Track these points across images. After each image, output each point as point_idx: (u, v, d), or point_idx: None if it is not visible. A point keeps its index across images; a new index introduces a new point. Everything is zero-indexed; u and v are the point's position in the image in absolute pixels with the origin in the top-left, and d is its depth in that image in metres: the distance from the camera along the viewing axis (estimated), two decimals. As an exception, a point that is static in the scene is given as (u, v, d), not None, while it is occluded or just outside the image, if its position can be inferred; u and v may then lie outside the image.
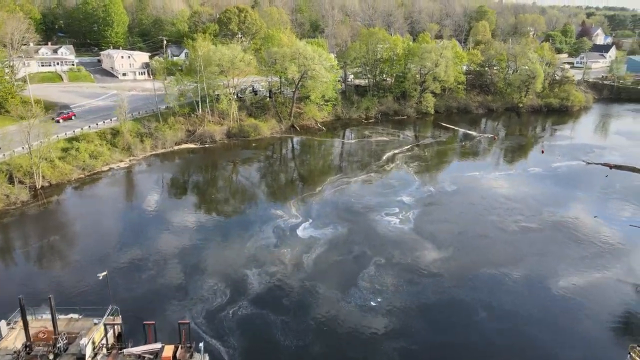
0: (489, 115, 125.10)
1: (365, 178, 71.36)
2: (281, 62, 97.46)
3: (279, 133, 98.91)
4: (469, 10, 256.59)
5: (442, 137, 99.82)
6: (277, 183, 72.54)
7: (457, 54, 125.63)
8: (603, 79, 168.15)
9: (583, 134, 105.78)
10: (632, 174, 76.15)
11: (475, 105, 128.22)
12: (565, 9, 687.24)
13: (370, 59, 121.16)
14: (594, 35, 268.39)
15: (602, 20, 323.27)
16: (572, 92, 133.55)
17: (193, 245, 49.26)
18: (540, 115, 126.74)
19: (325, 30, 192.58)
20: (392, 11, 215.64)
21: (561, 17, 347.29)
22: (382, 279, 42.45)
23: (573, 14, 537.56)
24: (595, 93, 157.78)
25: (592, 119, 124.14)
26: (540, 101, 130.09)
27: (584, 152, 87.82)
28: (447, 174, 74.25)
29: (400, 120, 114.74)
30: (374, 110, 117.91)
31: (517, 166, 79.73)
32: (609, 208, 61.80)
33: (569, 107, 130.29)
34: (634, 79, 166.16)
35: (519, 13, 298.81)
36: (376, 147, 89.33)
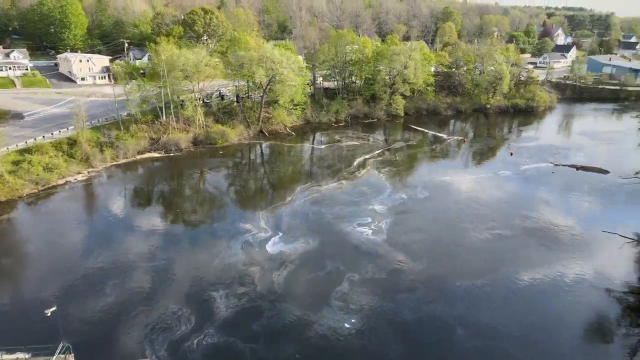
0: (457, 117, 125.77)
1: (337, 186, 69.69)
2: (248, 66, 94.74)
3: (247, 139, 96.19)
4: (435, 11, 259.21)
5: (412, 140, 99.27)
6: (246, 193, 70.01)
7: (425, 56, 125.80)
8: (565, 79, 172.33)
9: (548, 135, 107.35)
10: (598, 175, 77.36)
11: (444, 106, 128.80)
12: (526, 9, 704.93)
13: (339, 61, 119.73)
14: (555, 36, 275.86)
15: (562, 20, 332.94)
16: (537, 92, 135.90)
17: (156, 266, 46.32)
18: (507, 116, 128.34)
19: (293, 31, 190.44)
20: (359, 12, 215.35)
21: (523, 17, 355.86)
22: (356, 297, 40.76)
23: (534, 14, 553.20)
24: (559, 93, 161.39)
25: (557, 119, 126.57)
26: (507, 102, 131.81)
27: (551, 154, 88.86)
28: (418, 179, 73.39)
29: (371, 124, 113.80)
30: (343, 113, 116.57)
31: (487, 169, 79.70)
32: (581, 212, 62.13)
33: (535, 107, 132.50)
34: (594, 78, 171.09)
35: (484, 14, 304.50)
36: (347, 152, 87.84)
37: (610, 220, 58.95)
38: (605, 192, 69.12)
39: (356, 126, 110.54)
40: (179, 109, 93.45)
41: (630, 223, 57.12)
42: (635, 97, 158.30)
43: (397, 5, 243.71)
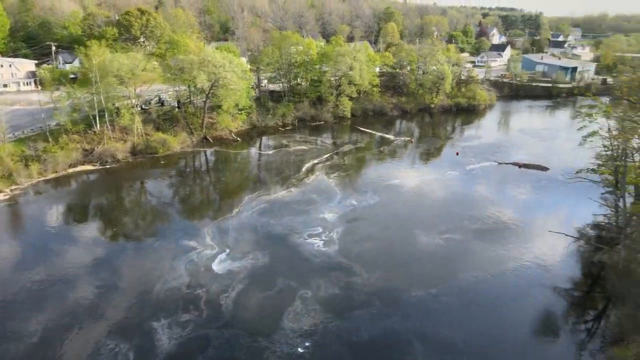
0: (403, 117, 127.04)
1: (285, 194, 67.50)
2: (189, 71, 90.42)
3: (191, 147, 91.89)
4: (377, 12, 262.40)
5: (360, 142, 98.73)
6: (190, 206, 66.27)
7: (370, 57, 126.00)
8: (502, 77, 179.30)
9: (490, 133, 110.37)
10: (539, 172, 79.97)
11: (390, 107, 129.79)
12: (462, 9, 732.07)
13: (284, 63, 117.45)
14: (491, 35, 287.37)
15: (497, 20, 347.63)
16: (478, 91, 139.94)
17: (89, 296, 42.20)
18: (451, 115, 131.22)
19: (235, 32, 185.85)
20: (303, 12, 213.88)
21: (461, 17, 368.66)
22: (310, 316, 38.85)
23: (470, 14, 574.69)
24: (497, 91, 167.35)
25: (497, 117, 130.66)
26: (450, 101, 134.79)
27: (494, 152, 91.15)
28: (368, 183, 72.55)
29: (318, 126, 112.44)
30: (290, 116, 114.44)
31: (435, 170, 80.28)
32: (527, 211, 63.49)
33: (476, 106, 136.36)
34: (529, 76, 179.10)
35: (424, 14, 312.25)
36: (295, 157, 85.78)
37: (555, 218, 60.72)
38: (548, 190, 71.32)
39: (304, 129, 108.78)
40: (114, 117, 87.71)
41: (573, 219, 58.92)
42: (565, 94, 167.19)
43: (339, 6, 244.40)
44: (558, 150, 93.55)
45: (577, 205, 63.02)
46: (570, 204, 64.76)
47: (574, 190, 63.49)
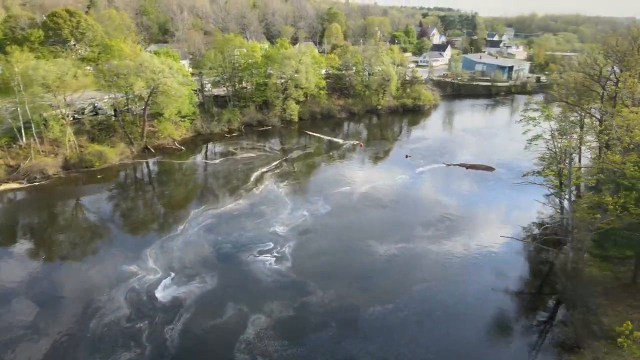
0: (351, 119, 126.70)
1: (234, 207, 64.45)
2: (125, 77, 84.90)
3: (131, 158, 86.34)
4: (321, 12, 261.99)
5: (309, 147, 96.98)
6: (131, 224, 61.71)
7: (316, 59, 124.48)
8: (445, 77, 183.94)
9: (436, 134, 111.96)
10: (486, 172, 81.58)
11: (337, 109, 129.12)
12: (403, 9, 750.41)
13: (228, 67, 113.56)
14: (431, 35, 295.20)
15: (436, 20, 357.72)
16: (422, 91, 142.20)
17: (13, 337, 37.56)
18: (398, 115, 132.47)
19: (175, 34, 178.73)
20: (245, 13, 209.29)
21: (402, 17, 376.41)
22: (263, 344, 36.45)
23: (411, 14, 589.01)
24: (440, 90, 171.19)
25: (441, 117, 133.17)
26: (396, 102, 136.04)
27: (441, 153, 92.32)
28: (318, 191, 70.82)
29: (265, 131, 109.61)
30: (236, 122, 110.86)
31: (385, 175, 79.82)
32: (477, 215, 64.14)
33: (421, 106, 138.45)
34: (469, 75, 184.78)
35: (367, 15, 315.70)
36: (243, 166, 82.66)
37: (505, 221, 61.68)
38: (495, 191, 72.74)
39: (251, 135, 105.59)
40: (42, 128, 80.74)
41: (522, 221, 60.01)
42: (504, 92, 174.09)
43: (282, 7, 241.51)
44: (501, 149, 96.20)
45: (524, 207, 64.36)
46: (518, 205, 66.11)
47: (520, 191, 64.78)
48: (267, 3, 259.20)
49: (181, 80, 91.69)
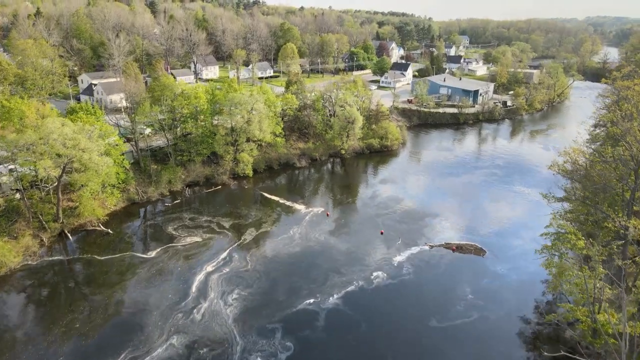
0: (313, 166, 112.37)
1: (164, 353, 48.36)
2: (24, 155, 66.67)
3: (37, 257, 67.52)
4: (274, 28, 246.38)
5: (265, 220, 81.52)
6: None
7: (270, 101, 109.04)
8: (409, 102, 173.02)
9: (410, 190, 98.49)
10: (477, 257, 69.25)
11: (297, 155, 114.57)
12: (358, 14, 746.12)
13: (168, 118, 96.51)
14: (391, 50, 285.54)
15: (393, 31, 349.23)
16: (389, 128, 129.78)
17: None
18: (364, 159, 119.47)
19: (110, 61, 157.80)
20: (192, 32, 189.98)
21: (358, 31, 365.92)
22: None
23: (367, 20, 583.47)
24: (406, 120, 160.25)
25: (412, 163, 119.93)
26: (361, 143, 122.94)
27: (420, 226, 79.62)
28: (276, 312, 55.47)
29: (215, 193, 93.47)
30: (179, 182, 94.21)
31: (357, 272, 65.05)
32: (478, 339, 51.26)
33: (389, 146, 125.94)
34: (435, 101, 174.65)
35: (321, 27, 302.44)
36: (184, 263, 66.36)
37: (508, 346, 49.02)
38: (491, 294, 60.24)
39: (196, 201, 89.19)
40: None
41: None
42: (472, 120, 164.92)
43: (233, 26, 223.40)
44: (482, 214, 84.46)
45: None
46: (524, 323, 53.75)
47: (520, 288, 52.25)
48: (216, 16, 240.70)
49: (105, 149, 74.19)
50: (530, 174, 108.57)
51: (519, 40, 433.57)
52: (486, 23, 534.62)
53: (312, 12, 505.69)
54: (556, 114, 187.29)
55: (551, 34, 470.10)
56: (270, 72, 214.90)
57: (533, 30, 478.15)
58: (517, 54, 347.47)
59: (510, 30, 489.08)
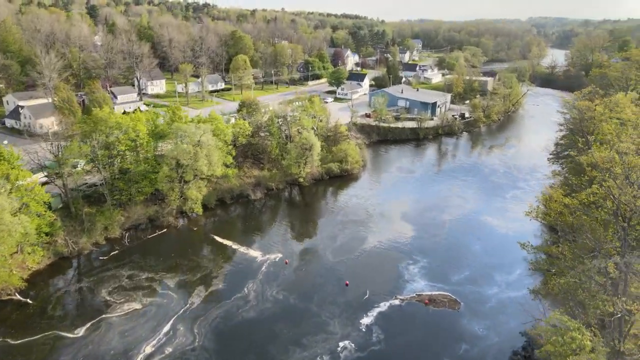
0: (269, 198, 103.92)
1: None
2: None
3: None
4: (224, 37, 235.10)
5: (217, 273, 72.45)
6: None
7: (220, 130, 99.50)
8: (367, 117, 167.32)
9: (374, 226, 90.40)
10: (451, 312, 63.27)
11: (251, 185, 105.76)
12: (311, 16, 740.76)
13: (103, 155, 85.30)
14: (346, 57, 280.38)
15: (347, 37, 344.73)
16: (349, 150, 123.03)
17: None
18: (323, 186, 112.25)
19: (39, 79, 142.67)
20: (134, 44, 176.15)
21: (312, 35, 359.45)
22: None
23: (320, 23, 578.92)
24: (365, 137, 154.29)
25: (373, 188, 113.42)
26: (320, 168, 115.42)
27: (388, 272, 73.06)
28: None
29: (160, 238, 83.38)
30: (117, 228, 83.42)
31: (322, 345, 56.20)
32: None
33: (349, 170, 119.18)
34: (393, 114, 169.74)
35: (274, 33, 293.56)
36: (118, 344, 56.34)
37: None
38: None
39: (137, 251, 78.77)
40: None
41: None
42: (432, 135, 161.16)
43: (180, 36, 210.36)
44: (456, 259, 78.57)
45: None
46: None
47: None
48: (162, 26, 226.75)
49: (17, 205, 62.82)
50: (496, 200, 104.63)
51: (470, 44, 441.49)
52: (438, 26, 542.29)
53: (265, 16, 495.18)
54: (512, 125, 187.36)
55: (500, 37, 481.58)
56: (221, 85, 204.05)
57: (482, 33, 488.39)
58: (469, 59, 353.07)
59: (461, 33, 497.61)
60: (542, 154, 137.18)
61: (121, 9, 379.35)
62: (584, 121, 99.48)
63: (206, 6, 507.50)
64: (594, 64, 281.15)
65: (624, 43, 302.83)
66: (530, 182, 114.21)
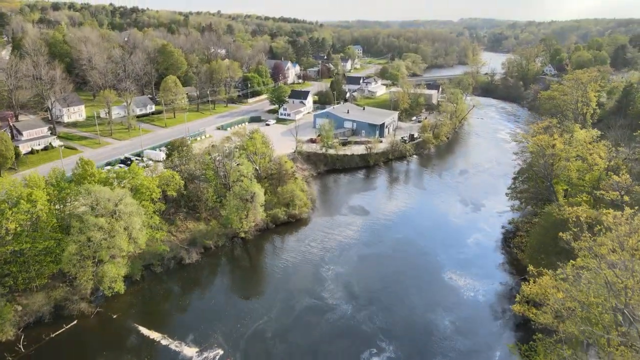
0: (207, 258, 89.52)
1: None
2: None
3: None
4: (152, 52, 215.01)
5: (142, 388, 57.74)
6: None
7: (146, 187, 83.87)
8: (313, 142, 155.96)
9: (329, 295, 78.46)
10: None
11: (185, 242, 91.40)
12: (249, 20, 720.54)
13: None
14: (287, 70, 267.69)
15: (287, 47, 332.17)
16: (296, 192, 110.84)
17: None
18: (269, 238, 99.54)
19: None
20: (41, 70, 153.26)
21: (250, 43, 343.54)
22: None
23: (258, 28, 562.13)
24: (312, 167, 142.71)
25: (325, 238, 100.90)
26: (264, 215, 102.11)
27: None
28: None
29: (67, 336, 67.10)
30: (8, 327, 66.08)
31: None
32: None
33: (296, 215, 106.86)
34: (340, 139, 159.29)
35: (209, 44, 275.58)
36: None
37: None
38: None
39: (38, 356, 62.16)
40: None
41: None
42: (382, 161, 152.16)
43: (99, 58, 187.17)
44: (428, 346, 68.38)
45: None
46: None
47: None
48: (80, 41, 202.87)
49: None
50: (455, 246, 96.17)
51: (409, 50, 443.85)
52: (377, 32, 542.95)
53: (199, 22, 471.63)
54: (461, 146, 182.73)
55: (437, 42, 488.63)
56: (151, 107, 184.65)
57: (420, 39, 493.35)
58: (410, 67, 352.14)
59: (400, 39, 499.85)
60: (496, 183, 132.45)
61: (34, 17, 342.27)
62: (544, 157, 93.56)
63: (135, 11, 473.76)
64: (529, 73, 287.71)
65: (555, 52, 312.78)
66: (491, 222, 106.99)
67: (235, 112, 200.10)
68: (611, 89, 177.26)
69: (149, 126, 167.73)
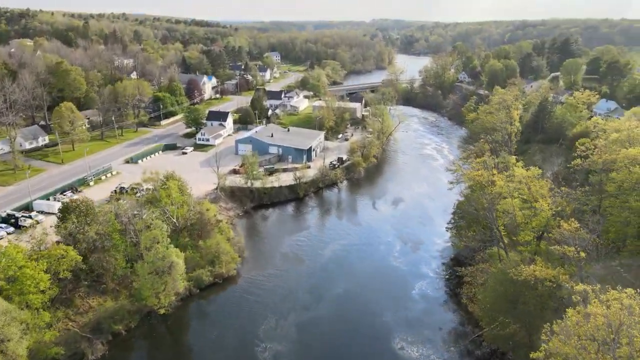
0: (117, 351, 73.85)
1: None
2: None
3: None
4: (44, 72, 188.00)
5: None
6: None
7: (27, 276, 66.49)
8: (236, 173, 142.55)
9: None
10: None
11: (88, 330, 75.84)
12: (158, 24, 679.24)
13: None
14: (202, 85, 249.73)
15: (202, 57, 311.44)
16: (222, 245, 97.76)
17: None
18: (191, 309, 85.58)
19: None
20: None
21: (160, 53, 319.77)
22: None
23: (169, 33, 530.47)
24: (238, 205, 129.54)
25: (259, 299, 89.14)
26: (187, 281, 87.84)
27: None
28: None
29: None
30: None
31: None
32: None
33: (224, 274, 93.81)
34: (265, 167, 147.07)
35: (117, 55, 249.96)
36: None
37: None
38: None
39: None
40: None
41: None
42: (312, 191, 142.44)
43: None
44: None
45: None
46: None
47: None
48: None
49: None
50: (401, 299, 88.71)
51: (327, 56, 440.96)
52: (294, 37, 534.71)
53: (102, 29, 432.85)
54: (389, 165, 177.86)
55: (355, 48, 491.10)
56: (44, 140, 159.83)
57: (338, 44, 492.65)
58: (330, 75, 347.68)
59: (318, 45, 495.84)
60: (430, 210, 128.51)
61: None
62: (484, 196, 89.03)
63: (24, 16, 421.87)
64: (446, 82, 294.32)
65: (468, 60, 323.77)
66: (433, 265, 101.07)
67: (147, 137, 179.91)
68: (527, 102, 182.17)
69: (41, 164, 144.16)
